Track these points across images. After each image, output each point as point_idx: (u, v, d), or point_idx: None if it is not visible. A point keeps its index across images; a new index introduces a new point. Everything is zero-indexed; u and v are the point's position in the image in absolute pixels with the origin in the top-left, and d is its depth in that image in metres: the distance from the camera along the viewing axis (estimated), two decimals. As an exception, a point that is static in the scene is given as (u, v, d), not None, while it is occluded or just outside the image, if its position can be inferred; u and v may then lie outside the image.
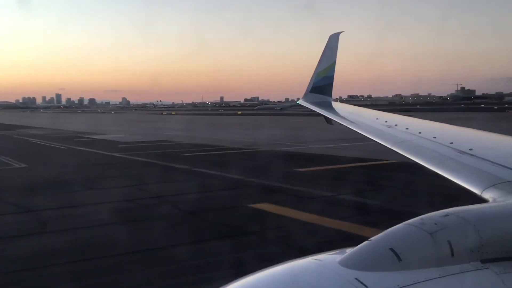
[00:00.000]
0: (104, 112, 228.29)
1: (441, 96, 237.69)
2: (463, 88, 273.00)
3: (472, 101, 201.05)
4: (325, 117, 9.83)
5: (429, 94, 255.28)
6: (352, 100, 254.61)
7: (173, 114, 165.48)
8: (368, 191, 18.51)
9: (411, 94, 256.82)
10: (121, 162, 30.70)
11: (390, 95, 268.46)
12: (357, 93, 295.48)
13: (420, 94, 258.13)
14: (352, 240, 3.26)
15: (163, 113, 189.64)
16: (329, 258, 2.69)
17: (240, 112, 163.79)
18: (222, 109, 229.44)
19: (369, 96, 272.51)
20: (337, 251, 2.75)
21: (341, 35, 11.67)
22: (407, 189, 18.37)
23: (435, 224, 2.69)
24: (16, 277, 10.08)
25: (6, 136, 59.36)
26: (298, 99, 12.41)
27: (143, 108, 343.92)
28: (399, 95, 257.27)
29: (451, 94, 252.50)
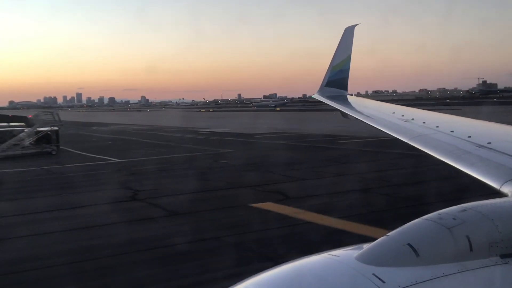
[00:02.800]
0: (140, 110, 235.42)
1: (467, 90, 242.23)
2: (484, 82, 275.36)
3: (500, 95, 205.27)
4: (341, 111, 9.87)
5: (455, 88, 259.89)
6: (377, 95, 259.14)
7: (211, 111, 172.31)
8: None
9: (437, 89, 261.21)
10: (310, 148, 37.62)
11: (415, 90, 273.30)
12: (382, 88, 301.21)
13: (446, 88, 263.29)
14: None
15: (201, 110, 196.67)
16: (346, 253, 2.70)
17: (278, 108, 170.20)
18: (254, 106, 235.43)
19: (394, 91, 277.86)
20: (354, 246, 2.79)
21: (363, 30, 11.85)
22: None
23: (453, 219, 2.71)
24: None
25: (124, 131, 66.46)
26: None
27: (167, 105, 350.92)
28: (425, 89, 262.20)
29: (473, 88, 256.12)
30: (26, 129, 40.66)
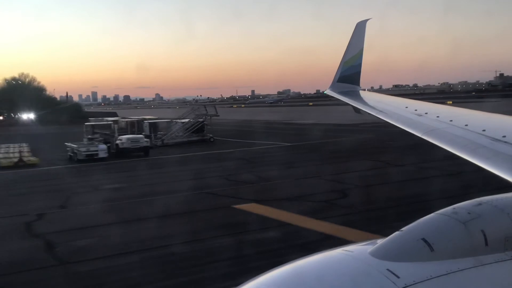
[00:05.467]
0: (169, 107, 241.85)
1: (490, 83, 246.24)
2: (501, 75, 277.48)
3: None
4: (353, 107, 9.88)
5: (477, 81, 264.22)
6: (397, 89, 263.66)
7: (243, 107, 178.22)
8: None
9: (459, 82, 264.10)
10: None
11: (435, 83, 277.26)
12: (402, 82, 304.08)
13: (468, 81, 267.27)
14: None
15: (234, 106, 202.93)
16: (360, 249, 2.72)
17: (311, 103, 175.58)
18: (282, 101, 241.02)
19: (415, 85, 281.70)
20: (368, 241, 2.80)
21: (376, 24, 12.78)
22: None
23: (468, 213, 2.71)
24: None
25: (220, 123, 72.46)
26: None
27: (185, 103, 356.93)
28: (447, 83, 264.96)
29: (491, 80, 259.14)
30: (184, 120, 47.39)
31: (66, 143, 36.94)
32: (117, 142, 36.21)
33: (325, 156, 31.15)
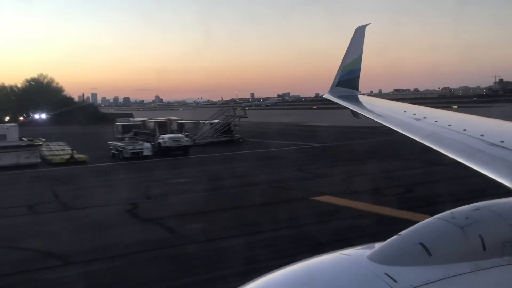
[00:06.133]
0: (172, 109, 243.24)
1: (491, 88, 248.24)
2: (501, 80, 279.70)
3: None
4: (352, 111, 9.96)
5: (478, 87, 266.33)
6: (398, 93, 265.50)
7: (247, 109, 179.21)
8: None
9: (460, 87, 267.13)
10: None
11: (436, 88, 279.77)
12: (402, 86, 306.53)
13: (469, 86, 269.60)
14: None
15: (238, 108, 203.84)
16: (358, 253, 2.75)
17: (315, 107, 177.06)
18: (285, 104, 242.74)
19: (416, 90, 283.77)
20: (366, 245, 2.84)
21: (375, 30, 11.95)
22: None
23: (466, 218, 2.74)
24: None
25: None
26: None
27: (186, 105, 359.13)
28: (448, 88, 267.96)
29: (490, 86, 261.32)
30: (213, 121, 49.05)
31: (109, 142, 38.49)
32: (159, 141, 37.77)
33: (362, 156, 32.65)
